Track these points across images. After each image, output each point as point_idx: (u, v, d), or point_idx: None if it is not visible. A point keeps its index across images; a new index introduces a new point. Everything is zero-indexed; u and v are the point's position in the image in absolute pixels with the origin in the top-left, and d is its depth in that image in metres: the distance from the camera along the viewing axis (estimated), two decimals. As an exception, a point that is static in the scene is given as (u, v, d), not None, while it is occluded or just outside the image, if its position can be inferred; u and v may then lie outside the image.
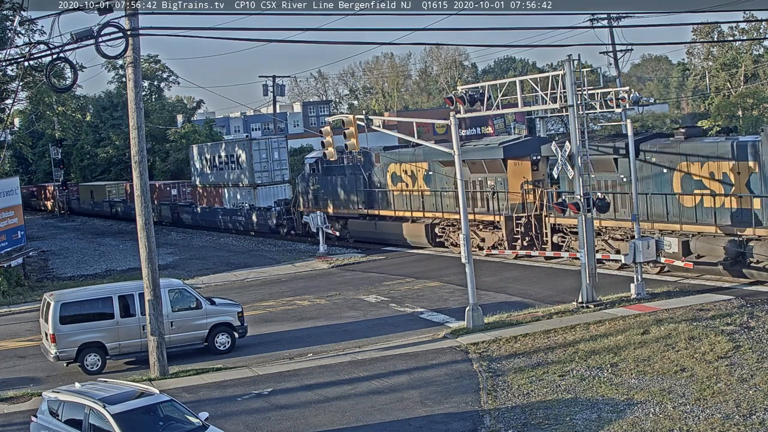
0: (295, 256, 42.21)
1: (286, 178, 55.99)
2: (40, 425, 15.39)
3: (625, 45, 55.06)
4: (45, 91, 46.68)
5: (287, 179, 55.82)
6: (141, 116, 20.94)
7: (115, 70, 74.48)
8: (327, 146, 28.15)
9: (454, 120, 24.47)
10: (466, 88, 27.30)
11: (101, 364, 22.37)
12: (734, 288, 25.46)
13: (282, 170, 56.33)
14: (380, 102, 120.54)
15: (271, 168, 55.66)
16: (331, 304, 29.27)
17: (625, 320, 22.37)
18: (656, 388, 16.91)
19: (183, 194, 65.50)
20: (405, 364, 20.57)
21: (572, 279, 27.75)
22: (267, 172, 55.66)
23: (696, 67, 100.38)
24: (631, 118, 27.83)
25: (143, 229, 21.08)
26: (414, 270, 34.71)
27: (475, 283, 23.74)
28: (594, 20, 54.33)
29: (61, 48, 18.97)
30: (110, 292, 23.13)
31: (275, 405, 18.23)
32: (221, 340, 23.61)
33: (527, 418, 16.09)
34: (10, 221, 39.02)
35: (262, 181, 55.34)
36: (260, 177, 55.29)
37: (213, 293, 30.36)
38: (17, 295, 35.84)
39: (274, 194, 54.86)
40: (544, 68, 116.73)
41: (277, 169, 56.01)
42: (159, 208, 62.80)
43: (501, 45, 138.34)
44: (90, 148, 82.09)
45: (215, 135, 78.25)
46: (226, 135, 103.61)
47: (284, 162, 56.22)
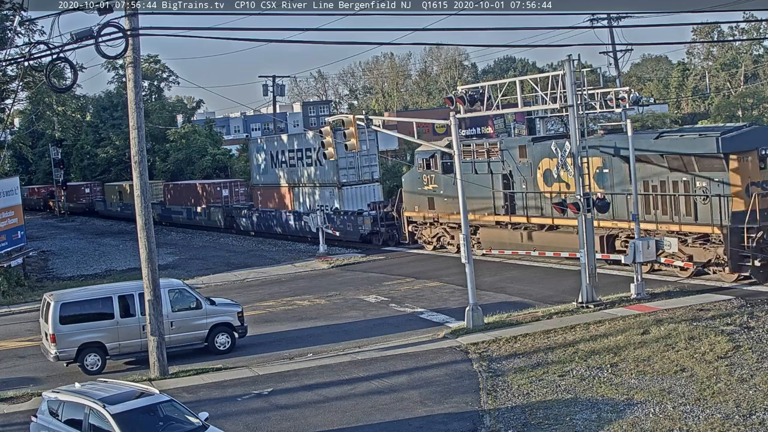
0: (295, 256, 42.23)
1: (376, 176, 47.67)
2: (40, 425, 15.39)
3: (625, 45, 55.05)
4: (45, 91, 46.66)
5: (377, 177, 47.72)
6: (141, 116, 20.95)
7: (115, 70, 74.38)
8: (327, 146, 28.17)
9: (454, 120, 24.48)
10: (466, 88, 27.29)
11: (101, 364, 22.37)
12: (734, 288, 25.45)
13: (371, 167, 47.44)
14: (380, 102, 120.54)
15: (359, 164, 46.73)
16: (331, 304, 29.28)
17: (625, 320, 22.37)
18: (656, 388, 16.91)
19: (236, 195, 58.05)
20: (405, 364, 20.57)
21: (572, 279, 27.76)
22: (354, 170, 46.79)
23: (696, 67, 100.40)
24: (631, 118, 27.83)
25: (143, 229, 21.10)
26: (414, 270, 34.71)
27: (475, 283, 23.74)
28: (594, 20, 54.35)
29: (61, 48, 18.97)
30: (110, 292, 23.14)
31: (275, 405, 18.23)
32: (221, 340, 23.62)
33: (527, 418, 16.09)
34: (10, 221, 39.03)
35: (348, 180, 46.72)
36: (346, 175, 46.61)
37: (213, 293, 30.38)
38: (17, 295, 35.86)
39: (362, 195, 46.68)
40: (544, 68, 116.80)
41: (365, 166, 47.10)
42: (208, 211, 56.89)
43: (501, 45, 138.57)
44: (90, 148, 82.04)
45: (215, 135, 78.17)
46: (226, 135, 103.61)
47: (374, 157, 47.40)
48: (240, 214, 53.97)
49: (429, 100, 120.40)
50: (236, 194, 57.98)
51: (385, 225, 41.67)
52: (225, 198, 57.35)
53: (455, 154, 24.41)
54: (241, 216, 53.68)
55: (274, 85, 67.23)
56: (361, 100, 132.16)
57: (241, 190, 58.37)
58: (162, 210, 63.40)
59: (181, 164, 73.00)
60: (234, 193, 57.89)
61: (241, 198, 57.76)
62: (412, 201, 39.14)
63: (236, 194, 57.98)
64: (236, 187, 58.62)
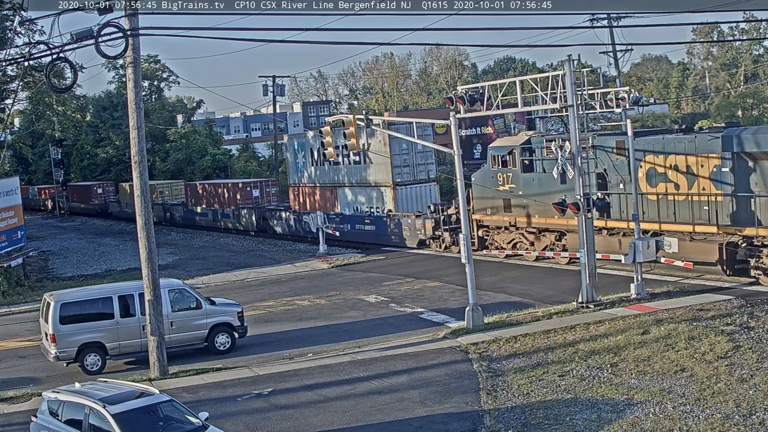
0: (295, 256, 42.24)
1: (432, 175, 44.12)
2: (40, 425, 15.39)
3: (625, 45, 55.08)
4: (45, 91, 46.67)
5: (433, 177, 44.22)
6: (141, 116, 20.96)
7: (115, 70, 74.50)
8: (327, 146, 28.19)
9: (454, 120, 24.48)
10: (466, 88, 27.29)
11: (101, 364, 22.38)
12: (734, 288, 25.45)
13: (427, 165, 43.85)
14: (380, 102, 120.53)
15: (414, 162, 43.14)
16: (331, 304, 29.28)
17: (625, 320, 22.37)
18: (656, 388, 16.91)
19: (267, 195, 54.73)
20: (405, 364, 20.57)
21: (572, 279, 27.75)
22: (408, 168, 43.05)
23: (696, 67, 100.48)
24: (631, 118, 27.83)
25: (143, 229, 21.09)
26: (414, 270, 34.71)
27: (475, 283, 23.74)
28: (594, 20, 54.38)
29: (61, 48, 18.97)
30: (110, 292, 23.14)
31: (275, 405, 18.22)
32: (221, 340, 23.62)
33: (527, 418, 16.09)
34: (10, 221, 39.04)
35: (402, 180, 42.98)
36: (400, 174, 42.77)
37: (213, 293, 30.39)
38: (17, 295, 35.87)
39: (417, 196, 43.13)
40: (544, 68, 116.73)
41: (421, 164, 43.51)
42: (237, 212, 53.46)
43: (501, 45, 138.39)
44: (90, 148, 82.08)
45: (215, 135, 78.17)
46: (226, 135, 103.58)
47: (430, 155, 43.88)
48: (274, 216, 49.98)
49: (429, 100, 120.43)
50: (267, 195, 54.76)
51: (448, 229, 37.38)
52: (255, 199, 54.07)
53: (455, 154, 24.40)
54: (276, 218, 49.72)
55: (274, 85, 67.27)
56: (361, 100, 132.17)
57: (273, 191, 55.26)
58: (184, 212, 60.70)
59: (181, 164, 73.02)
60: (265, 194, 54.67)
61: (273, 199, 54.62)
62: (483, 203, 35.11)
63: (267, 195, 54.76)
64: (267, 186, 55.36)
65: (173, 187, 65.81)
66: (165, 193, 64.94)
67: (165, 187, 65.57)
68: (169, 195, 64.96)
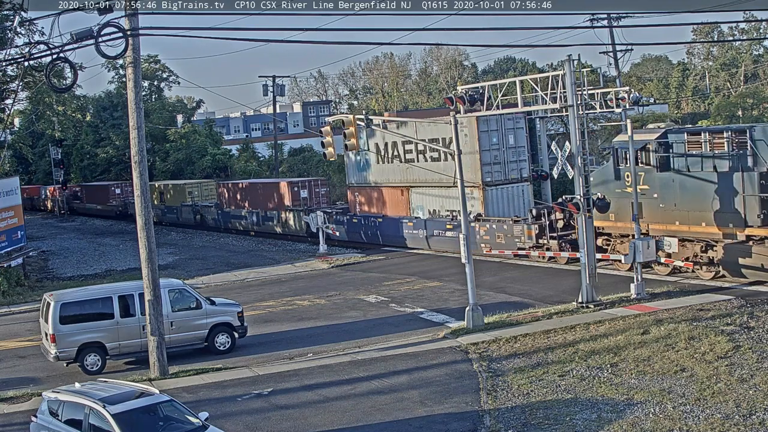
0: (295, 256, 42.23)
1: (525, 174, 38.57)
2: (40, 425, 15.39)
3: (625, 45, 55.00)
4: (45, 91, 46.65)
5: (526, 176, 38.66)
6: (141, 116, 20.96)
7: (115, 70, 74.46)
8: (327, 146, 28.16)
9: (454, 120, 24.48)
10: (466, 88, 27.31)
11: (101, 364, 22.38)
12: (734, 288, 25.46)
13: (519, 162, 38.36)
14: (380, 102, 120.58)
15: (505, 159, 37.99)
16: (331, 304, 29.28)
17: (625, 320, 22.38)
18: (656, 388, 16.91)
19: (316, 196, 49.74)
20: (405, 364, 20.57)
21: (572, 279, 27.75)
22: (499, 165, 37.79)
23: (696, 67, 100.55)
24: (631, 118, 27.85)
25: (143, 229, 21.09)
26: (414, 270, 34.71)
27: (475, 283, 23.75)
28: (594, 20, 54.34)
29: (61, 48, 18.97)
30: (110, 292, 23.14)
31: (275, 405, 18.23)
32: (221, 340, 23.62)
33: (527, 418, 16.09)
34: (10, 221, 39.03)
35: (492, 179, 37.44)
36: (490, 172, 37.20)
37: (213, 293, 30.39)
38: (17, 295, 35.87)
39: (509, 198, 37.95)
40: (544, 68, 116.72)
41: (513, 161, 38.21)
42: (282, 215, 48.80)
43: (501, 45, 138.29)
44: (90, 148, 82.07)
45: (215, 135, 78.15)
46: (226, 135, 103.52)
47: (522, 151, 38.42)
48: (334, 220, 44.63)
49: (429, 100, 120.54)
50: (317, 195, 49.85)
51: (556, 237, 32.30)
52: (303, 200, 49.15)
53: (456, 153, 24.40)
54: (335, 222, 44.40)
55: (274, 85, 67.25)
56: (361, 100, 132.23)
57: (322, 191, 50.23)
58: (219, 214, 55.98)
59: (181, 164, 73.05)
60: (314, 194, 49.71)
61: (322, 200, 49.73)
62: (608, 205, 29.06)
63: (317, 195, 49.85)
64: (317, 186, 50.28)
65: (203, 187, 61.15)
66: (194, 193, 60.08)
67: (194, 187, 60.62)
68: (199, 196, 60.12)
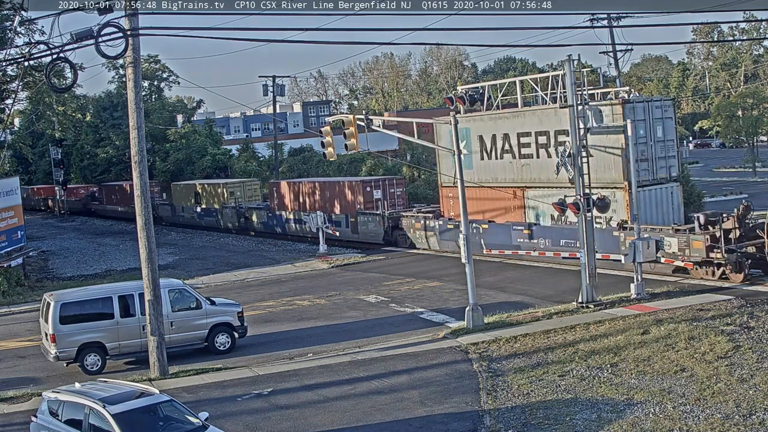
0: (295, 256, 42.21)
1: (674, 173, 32.67)
2: (40, 425, 15.39)
3: (625, 45, 54.95)
4: (45, 91, 46.64)
5: (675, 175, 32.69)
6: (141, 116, 20.96)
7: (115, 70, 74.38)
8: (327, 146, 28.17)
9: (454, 120, 24.48)
10: (466, 88, 27.36)
11: (101, 364, 22.37)
12: (734, 288, 25.46)
13: (668, 159, 32.34)
14: (380, 102, 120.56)
15: (653, 155, 31.80)
16: (331, 304, 29.27)
17: (625, 320, 22.38)
18: (656, 388, 16.91)
19: (391, 197, 44.49)
20: (405, 364, 20.57)
21: (572, 279, 27.76)
22: (646, 163, 31.55)
23: (696, 67, 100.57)
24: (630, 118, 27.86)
25: (143, 229, 21.08)
26: (414, 270, 34.71)
27: (475, 283, 23.75)
28: (594, 20, 54.31)
29: (61, 48, 18.97)
30: (110, 292, 23.13)
31: (275, 405, 18.23)
32: (221, 340, 23.61)
33: (527, 418, 16.09)
34: (10, 221, 39.02)
35: (639, 179, 29.50)
36: (636, 171, 27.92)
37: (213, 293, 30.38)
38: (17, 295, 35.86)
39: (657, 202, 31.84)
40: (544, 68, 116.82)
41: (661, 157, 32.11)
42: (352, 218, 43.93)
43: (501, 45, 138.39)
44: (90, 148, 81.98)
45: (215, 135, 78.11)
46: (226, 135, 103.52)
47: (671, 146, 32.51)
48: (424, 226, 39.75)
49: (429, 100, 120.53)
50: (392, 196, 44.70)
51: (734, 250, 26.13)
52: (377, 201, 44.25)
53: (456, 155, 24.40)
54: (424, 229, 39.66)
55: (274, 85, 67.20)
56: (361, 100, 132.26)
57: (398, 191, 45.11)
58: (268, 217, 50.92)
59: (181, 164, 73.00)
60: (389, 195, 44.62)
61: (398, 201, 44.88)
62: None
63: (392, 196, 44.70)
64: (392, 186, 44.98)
65: (246, 187, 56.66)
66: (236, 194, 55.40)
67: (236, 187, 55.99)
68: (242, 196, 55.68)
